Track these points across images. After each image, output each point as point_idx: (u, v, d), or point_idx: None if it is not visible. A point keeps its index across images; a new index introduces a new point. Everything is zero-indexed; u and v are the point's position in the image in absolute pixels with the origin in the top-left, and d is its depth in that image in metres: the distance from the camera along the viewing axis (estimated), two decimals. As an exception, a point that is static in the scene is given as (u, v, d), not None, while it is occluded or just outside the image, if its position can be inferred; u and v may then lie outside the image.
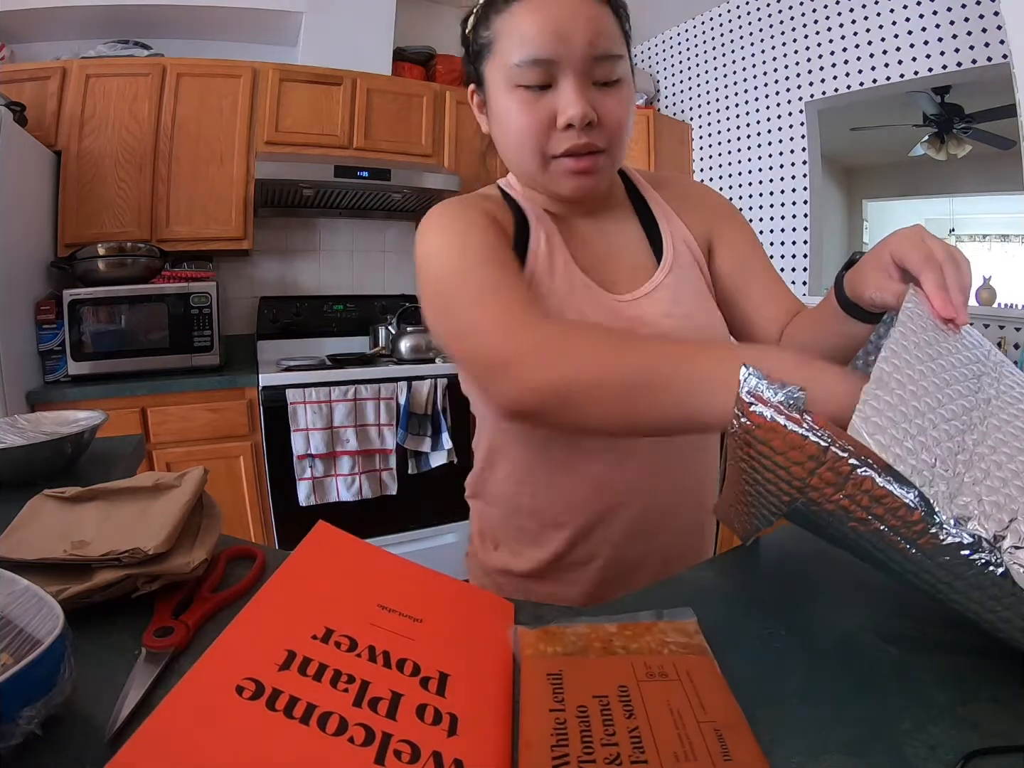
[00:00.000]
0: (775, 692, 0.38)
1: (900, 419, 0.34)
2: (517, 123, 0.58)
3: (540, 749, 0.31)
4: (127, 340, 1.99)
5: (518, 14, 0.55)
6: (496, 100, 0.60)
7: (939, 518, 0.31)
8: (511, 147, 0.61)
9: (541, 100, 0.56)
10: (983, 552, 0.31)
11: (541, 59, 0.55)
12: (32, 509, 0.55)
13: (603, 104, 0.56)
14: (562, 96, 0.55)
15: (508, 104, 0.58)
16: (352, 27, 2.47)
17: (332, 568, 0.46)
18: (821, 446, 0.32)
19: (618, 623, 0.43)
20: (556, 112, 0.56)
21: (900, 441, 0.33)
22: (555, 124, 0.56)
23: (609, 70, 0.56)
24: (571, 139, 0.56)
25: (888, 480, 0.31)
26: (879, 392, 0.35)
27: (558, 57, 0.54)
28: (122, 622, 0.44)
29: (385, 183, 2.27)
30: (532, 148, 0.58)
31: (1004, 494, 0.33)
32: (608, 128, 0.57)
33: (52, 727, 0.32)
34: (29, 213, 1.91)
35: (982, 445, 0.36)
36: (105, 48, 2.21)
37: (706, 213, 0.72)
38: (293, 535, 1.99)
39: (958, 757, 0.32)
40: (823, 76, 2.41)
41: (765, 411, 0.35)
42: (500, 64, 0.58)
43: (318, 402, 2.04)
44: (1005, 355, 1.65)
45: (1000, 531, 0.32)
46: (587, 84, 0.56)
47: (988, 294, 2.04)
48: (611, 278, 0.66)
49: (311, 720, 0.31)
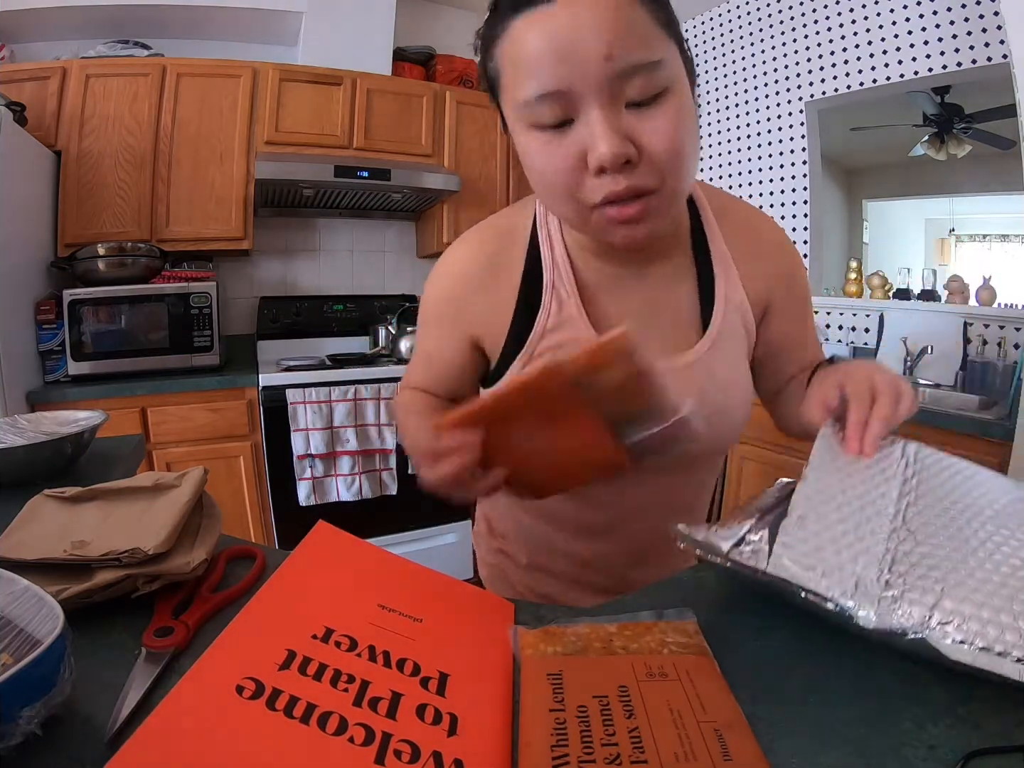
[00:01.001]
0: (775, 692, 0.38)
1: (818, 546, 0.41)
2: (541, 169, 0.48)
3: (540, 749, 0.31)
4: (127, 340, 1.99)
5: (516, 35, 0.44)
6: (517, 140, 0.50)
7: (861, 619, 0.37)
8: (543, 195, 0.52)
9: (565, 139, 0.45)
10: (911, 633, 0.36)
11: (549, 92, 0.44)
12: (32, 509, 0.55)
13: (643, 130, 0.44)
14: (587, 131, 0.44)
15: (527, 147, 0.48)
16: (352, 27, 2.47)
17: (332, 568, 0.46)
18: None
19: (618, 623, 0.43)
20: (584, 150, 0.45)
21: (813, 566, 0.40)
22: (586, 166, 0.45)
23: (645, 83, 0.43)
24: (608, 185, 0.45)
25: (808, 593, 0.39)
26: (796, 524, 0.42)
27: (570, 85, 0.43)
28: (122, 622, 0.44)
29: (385, 183, 2.27)
30: (564, 197, 0.48)
31: (932, 578, 0.38)
32: (655, 159, 0.45)
33: (52, 727, 0.32)
34: (29, 213, 1.91)
35: (907, 542, 0.42)
36: (105, 48, 2.21)
37: (772, 271, 0.63)
38: (293, 535, 1.99)
39: (958, 757, 0.32)
40: (823, 76, 2.41)
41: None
42: (510, 102, 0.48)
43: (318, 402, 2.04)
44: (1005, 356, 1.64)
45: (927, 614, 0.36)
46: (618, 108, 0.44)
47: (988, 294, 2.04)
48: (646, 339, 0.59)
49: (311, 720, 0.31)
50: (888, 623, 0.36)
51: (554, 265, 0.59)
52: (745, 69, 2.73)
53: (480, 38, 0.50)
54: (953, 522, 0.44)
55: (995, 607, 0.36)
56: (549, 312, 0.59)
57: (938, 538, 0.42)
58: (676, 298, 0.61)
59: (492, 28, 0.47)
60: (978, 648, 0.34)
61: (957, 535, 0.42)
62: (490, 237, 0.62)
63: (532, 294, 0.60)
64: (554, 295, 0.59)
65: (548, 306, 0.59)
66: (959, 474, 0.50)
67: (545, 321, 0.59)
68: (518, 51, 0.45)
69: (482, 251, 0.61)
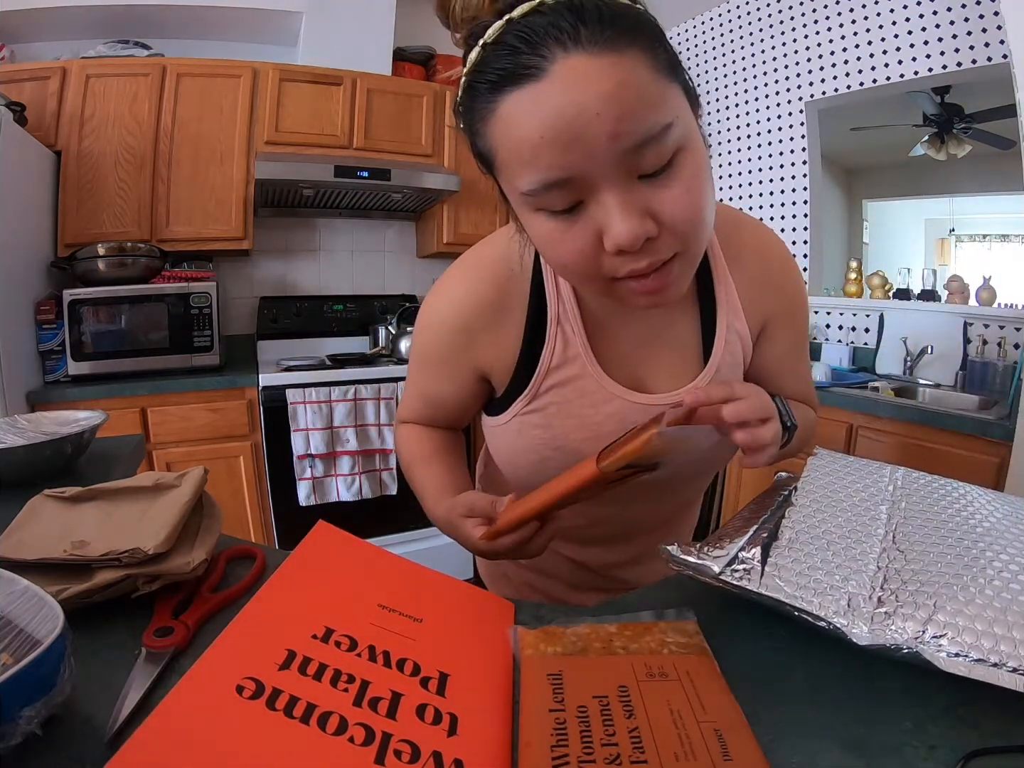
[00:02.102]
0: (775, 692, 0.38)
1: (810, 566, 0.42)
2: (555, 253, 0.44)
3: (540, 749, 0.31)
4: (127, 340, 1.99)
5: (506, 116, 0.39)
6: (521, 215, 0.46)
7: (854, 636, 0.37)
8: (559, 272, 0.51)
9: (577, 222, 0.42)
10: (905, 648, 0.36)
11: (554, 182, 0.40)
12: (32, 509, 0.55)
13: (661, 200, 0.41)
14: (602, 212, 0.40)
15: (537, 229, 0.44)
16: (352, 27, 2.47)
17: (332, 568, 0.46)
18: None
19: (618, 623, 0.43)
20: (600, 231, 0.41)
21: (805, 586, 0.41)
22: (603, 246, 0.42)
23: (658, 152, 0.39)
24: (629, 263, 0.42)
25: (801, 612, 0.40)
26: (787, 546, 0.44)
27: (577, 172, 0.39)
28: (122, 622, 0.44)
29: (385, 183, 2.27)
30: (583, 276, 0.45)
31: (925, 594, 0.39)
32: (677, 230, 0.42)
33: (52, 727, 0.32)
34: (29, 213, 1.91)
35: (898, 560, 0.43)
36: (105, 48, 2.21)
37: (774, 299, 0.62)
38: (293, 535, 1.99)
39: (958, 757, 0.32)
40: (823, 76, 2.41)
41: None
42: (510, 186, 0.44)
43: (318, 402, 2.04)
44: (1005, 356, 1.65)
45: (921, 628, 0.37)
46: (632, 184, 0.40)
47: (988, 294, 2.04)
48: (648, 373, 0.60)
49: (311, 720, 0.31)
50: (882, 639, 0.37)
51: (559, 299, 0.58)
52: (745, 69, 2.73)
53: (460, 112, 0.44)
54: (944, 539, 0.45)
55: (988, 619, 0.36)
56: (554, 350, 0.58)
57: (929, 555, 0.43)
58: (679, 330, 0.60)
59: (474, 104, 0.42)
60: (973, 660, 0.35)
61: (948, 552, 0.43)
62: (490, 274, 0.59)
63: (537, 328, 0.58)
64: (559, 331, 0.58)
65: (553, 342, 0.58)
66: (949, 495, 0.51)
67: (550, 360, 0.58)
68: (511, 135, 0.40)
69: (485, 288, 0.58)
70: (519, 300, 0.58)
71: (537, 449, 0.60)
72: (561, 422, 0.59)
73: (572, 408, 0.58)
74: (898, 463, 0.57)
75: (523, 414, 0.60)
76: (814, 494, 0.50)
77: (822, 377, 2.14)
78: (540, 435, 0.59)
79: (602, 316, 0.58)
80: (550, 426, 0.59)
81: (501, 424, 0.62)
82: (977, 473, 1.52)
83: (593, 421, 0.58)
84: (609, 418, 0.58)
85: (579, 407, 0.58)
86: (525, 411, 0.60)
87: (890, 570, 0.41)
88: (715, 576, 0.43)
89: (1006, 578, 0.40)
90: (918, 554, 0.43)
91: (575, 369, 0.58)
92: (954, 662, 0.35)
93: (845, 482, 0.53)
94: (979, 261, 2.17)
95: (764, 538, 0.46)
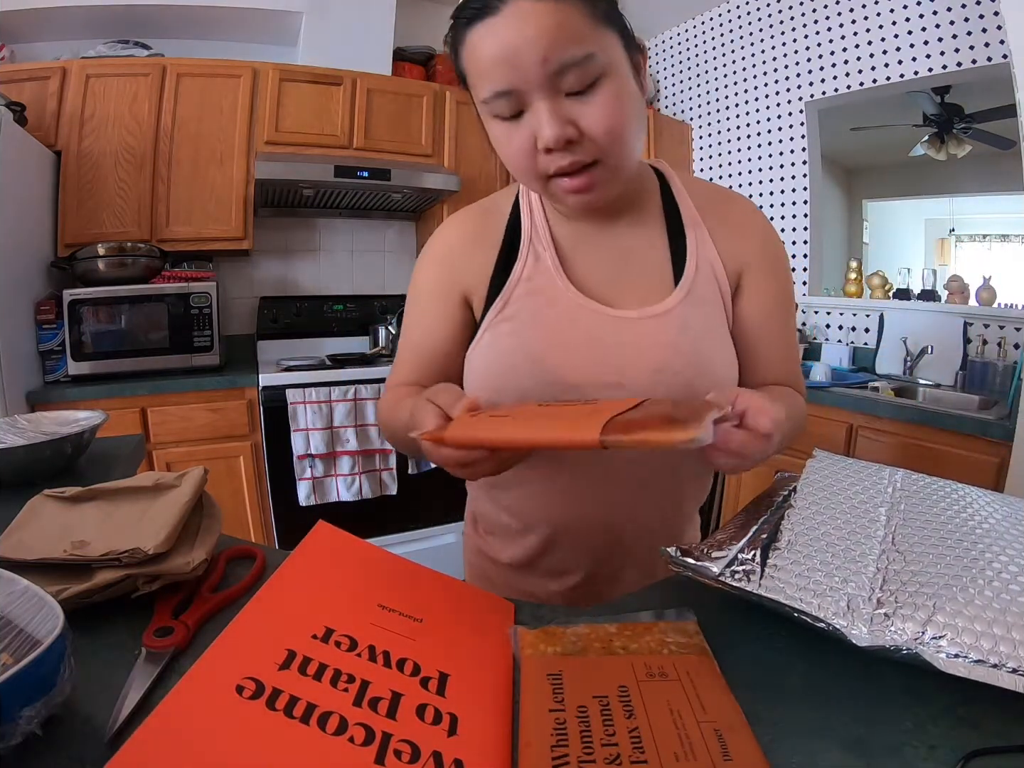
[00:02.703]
0: (775, 692, 0.38)
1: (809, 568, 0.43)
2: (505, 152, 0.57)
3: (540, 749, 0.31)
4: (127, 340, 1.99)
5: (472, 43, 0.52)
6: (485, 123, 0.59)
7: (853, 637, 0.37)
8: (511, 170, 0.60)
9: (519, 127, 0.54)
10: (905, 649, 0.37)
11: (501, 92, 0.52)
12: (32, 509, 0.55)
13: (581, 114, 0.52)
14: (535, 120, 0.52)
15: (494, 133, 0.57)
16: (352, 27, 2.47)
17: (332, 568, 0.46)
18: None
19: (618, 623, 0.43)
20: (535, 135, 0.53)
21: (805, 588, 0.41)
22: (537, 147, 0.54)
23: (579, 75, 0.51)
24: (556, 160, 0.54)
25: (801, 614, 0.40)
26: (786, 548, 0.44)
27: (516, 86, 0.51)
28: (122, 622, 0.44)
29: (385, 183, 2.27)
30: (526, 172, 0.57)
31: (924, 595, 0.39)
32: (596, 138, 0.53)
33: (52, 727, 0.32)
34: (29, 213, 1.91)
35: (897, 562, 0.43)
36: (105, 48, 2.21)
37: (747, 245, 0.66)
38: (293, 535, 1.99)
39: (958, 757, 0.32)
40: (823, 76, 2.41)
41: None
42: (476, 97, 0.56)
43: (318, 402, 2.04)
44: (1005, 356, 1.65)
45: (920, 629, 0.37)
46: (559, 99, 0.52)
47: (988, 294, 2.04)
48: (619, 292, 0.63)
49: (311, 720, 0.31)
50: (881, 640, 0.37)
51: (532, 225, 0.66)
52: (745, 69, 2.73)
53: (449, 44, 0.57)
54: (943, 541, 0.45)
55: (988, 620, 0.36)
56: (525, 263, 0.64)
57: (928, 557, 0.43)
58: (649, 254, 0.65)
59: (455, 36, 0.54)
60: (972, 661, 0.35)
61: (948, 553, 0.43)
62: (474, 211, 0.70)
63: (512, 250, 0.66)
64: (531, 249, 0.65)
65: (525, 257, 0.65)
66: (948, 496, 0.51)
67: (521, 271, 0.64)
68: (475, 57, 0.53)
69: (468, 220, 0.69)
70: (497, 229, 0.67)
71: (507, 358, 0.62)
72: (530, 330, 0.62)
73: (541, 316, 0.62)
74: (898, 463, 0.58)
75: (495, 324, 0.64)
76: (813, 496, 0.50)
77: (822, 377, 2.14)
78: (510, 343, 0.62)
79: (573, 242, 0.66)
80: (520, 333, 0.62)
81: (475, 347, 0.65)
82: (977, 473, 1.52)
83: (563, 330, 0.62)
84: (578, 329, 0.61)
85: (548, 316, 0.62)
86: (497, 319, 0.63)
87: (889, 571, 0.41)
88: (715, 577, 0.43)
89: (1005, 579, 0.40)
90: (917, 555, 0.43)
91: (545, 281, 0.64)
92: (954, 663, 0.35)
93: (844, 484, 0.53)
94: (979, 261, 2.17)
95: (763, 539, 0.46)
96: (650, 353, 0.60)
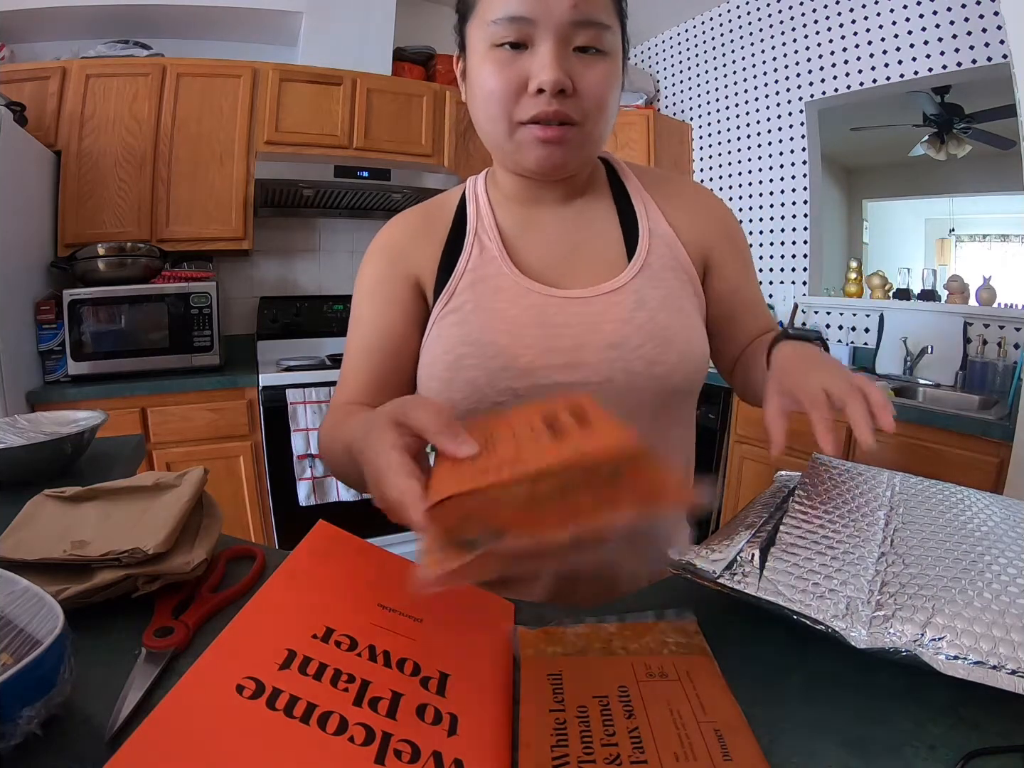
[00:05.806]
0: (775, 692, 0.38)
1: (809, 570, 0.43)
2: (489, 85, 0.54)
3: (540, 749, 0.31)
4: (127, 340, 1.99)
5: None
6: (473, 62, 0.57)
7: (852, 639, 0.37)
8: (480, 112, 0.58)
9: (516, 62, 0.53)
10: (904, 651, 0.36)
11: (517, 16, 0.51)
12: (32, 509, 0.55)
13: (582, 74, 0.53)
14: (537, 59, 0.52)
15: (483, 65, 0.55)
16: (352, 27, 2.47)
17: (332, 568, 0.46)
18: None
19: (618, 623, 0.43)
20: (529, 76, 0.52)
21: (804, 590, 0.41)
22: (527, 88, 0.53)
23: (593, 37, 0.52)
24: (540, 105, 0.53)
25: (800, 616, 0.39)
26: (786, 551, 0.44)
27: (536, 16, 0.51)
28: (122, 622, 0.44)
29: (385, 183, 2.27)
30: (499, 112, 0.55)
31: (923, 597, 0.39)
32: (585, 100, 0.53)
33: (52, 727, 0.32)
34: (29, 213, 1.91)
35: (897, 565, 0.43)
36: (105, 48, 2.21)
37: (704, 223, 0.67)
38: (293, 535, 1.99)
39: (958, 757, 0.32)
40: (823, 76, 2.41)
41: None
42: (480, 22, 0.55)
43: (318, 402, 2.04)
44: (1005, 356, 1.65)
45: (919, 631, 0.36)
46: (566, 50, 0.52)
47: (988, 294, 2.04)
48: (571, 274, 0.63)
49: (311, 720, 0.31)
50: (880, 642, 0.37)
51: (478, 215, 0.65)
52: (745, 69, 2.73)
53: None
54: (942, 543, 0.45)
55: (987, 622, 0.36)
56: (470, 255, 0.63)
57: (927, 559, 0.43)
58: (599, 236, 0.65)
59: None
60: (972, 663, 0.35)
61: (947, 555, 0.43)
62: (418, 209, 0.69)
63: (458, 242, 0.65)
64: (476, 240, 0.64)
65: (470, 249, 0.64)
66: (947, 499, 0.51)
67: (466, 263, 0.63)
68: None
69: (411, 216, 0.68)
70: (443, 224, 0.66)
71: (454, 348, 0.60)
72: (476, 317, 0.61)
73: (487, 303, 0.61)
74: (898, 463, 0.58)
75: (442, 317, 0.62)
76: (812, 499, 0.50)
77: (822, 377, 2.13)
78: (456, 332, 0.60)
79: (519, 229, 0.65)
80: (466, 322, 0.61)
81: (424, 343, 0.64)
82: (977, 473, 1.52)
83: (509, 315, 0.60)
84: (526, 311, 0.60)
85: (494, 302, 0.61)
86: (444, 312, 0.62)
87: (888, 574, 0.41)
88: (713, 579, 0.43)
89: (1004, 581, 0.40)
90: (916, 558, 0.43)
91: (491, 270, 0.62)
92: (953, 665, 0.35)
93: (843, 487, 0.53)
94: (979, 261, 2.17)
95: (762, 541, 0.46)
96: (605, 329, 0.59)
